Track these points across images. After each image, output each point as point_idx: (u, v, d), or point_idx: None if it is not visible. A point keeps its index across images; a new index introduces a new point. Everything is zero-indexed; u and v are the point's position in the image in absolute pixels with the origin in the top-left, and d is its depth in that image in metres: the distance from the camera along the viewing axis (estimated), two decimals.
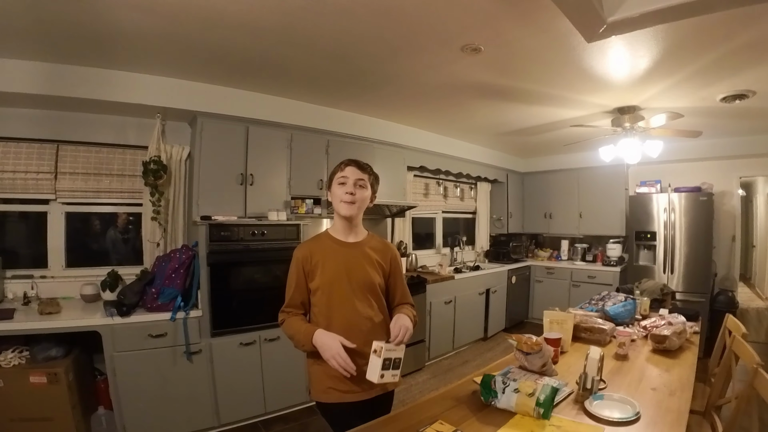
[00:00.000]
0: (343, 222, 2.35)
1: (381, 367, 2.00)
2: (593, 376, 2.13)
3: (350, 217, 2.32)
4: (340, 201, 2.28)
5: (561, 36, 3.22)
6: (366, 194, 2.33)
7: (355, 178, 2.27)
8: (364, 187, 2.31)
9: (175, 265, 4.01)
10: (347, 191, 2.25)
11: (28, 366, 3.51)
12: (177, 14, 2.97)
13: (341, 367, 2.02)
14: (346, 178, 2.27)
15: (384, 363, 2.00)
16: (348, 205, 2.27)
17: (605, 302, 3.80)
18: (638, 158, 5.33)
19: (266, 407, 4.35)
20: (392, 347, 2.04)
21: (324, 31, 3.25)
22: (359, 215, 2.36)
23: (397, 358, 2.07)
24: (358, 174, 2.28)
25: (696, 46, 3.38)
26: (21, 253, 4.37)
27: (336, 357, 2.03)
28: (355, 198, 2.26)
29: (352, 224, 2.37)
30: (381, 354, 2.00)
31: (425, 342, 5.95)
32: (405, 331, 2.14)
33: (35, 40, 3.35)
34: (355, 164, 2.31)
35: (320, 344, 2.09)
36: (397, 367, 2.07)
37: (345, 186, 2.27)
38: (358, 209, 2.30)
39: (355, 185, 2.27)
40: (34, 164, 4.15)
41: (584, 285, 7.68)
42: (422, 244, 7.63)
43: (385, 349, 2.01)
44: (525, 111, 5.41)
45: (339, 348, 2.04)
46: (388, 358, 2.02)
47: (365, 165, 2.35)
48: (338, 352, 2.03)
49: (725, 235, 6.94)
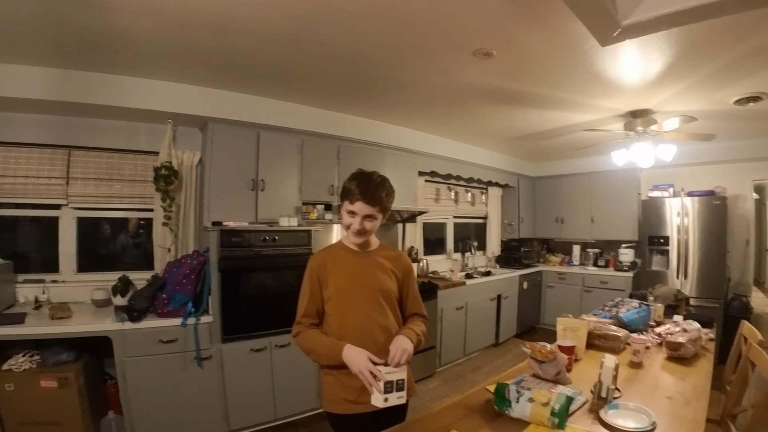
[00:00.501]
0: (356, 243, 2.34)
1: (384, 391, 1.96)
2: (608, 385, 2.10)
3: (360, 244, 2.33)
4: (349, 230, 2.27)
5: (573, 40, 3.20)
6: (376, 223, 2.28)
7: (364, 214, 2.21)
8: (373, 218, 2.25)
9: (186, 270, 4.01)
10: (355, 227, 2.22)
11: (39, 370, 3.52)
12: (187, 21, 2.98)
13: (368, 382, 1.98)
14: (355, 213, 2.21)
15: (386, 386, 1.96)
16: (357, 235, 2.26)
17: (619, 309, 3.77)
18: (651, 162, 5.28)
19: (276, 413, 4.33)
20: (391, 370, 2.00)
21: (335, 36, 3.25)
22: (371, 236, 2.36)
23: (400, 380, 2.01)
24: (368, 209, 2.20)
25: (709, 49, 3.35)
26: (32, 257, 4.39)
27: (365, 371, 1.98)
28: (363, 231, 2.24)
29: (363, 243, 2.35)
30: (381, 378, 1.97)
31: (436, 348, 5.91)
32: (402, 353, 2.06)
33: (47, 47, 3.37)
34: (364, 198, 2.18)
35: (349, 360, 2.05)
36: (401, 388, 2.02)
37: (353, 219, 2.22)
38: (367, 236, 2.31)
39: (364, 219, 2.22)
40: (46, 169, 4.18)
41: (596, 290, 7.61)
42: (433, 249, 7.60)
43: (384, 373, 1.97)
44: (536, 115, 5.38)
45: (368, 363, 2.00)
46: (389, 381, 1.98)
47: (376, 194, 2.22)
48: (366, 366, 1.99)
49: (739, 239, 6.85)
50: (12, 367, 3.47)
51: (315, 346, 2.18)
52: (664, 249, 6.90)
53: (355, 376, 2.04)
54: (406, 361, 2.06)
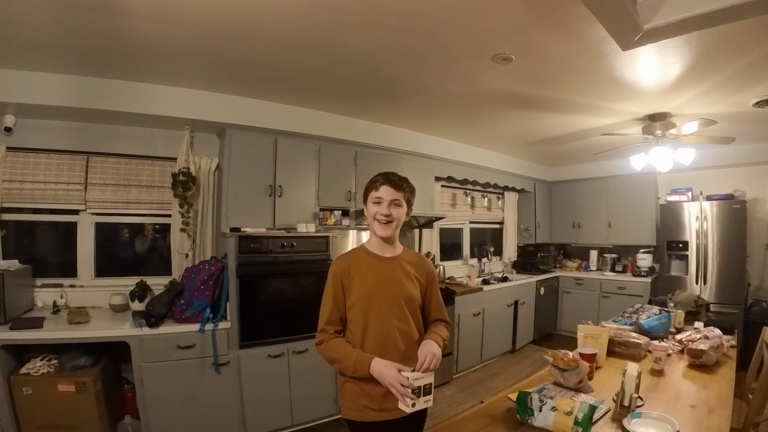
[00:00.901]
0: (379, 239, 2.30)
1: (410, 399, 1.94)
2: (631, 393, 2.08)
3: (387, 237, 2.28)
4: (375, 221, 2.24)
5: (593, 44, 3.19)
6: (402, 212, 2.26)
7: (390, 199, 2.20)
8: (399, 205, 2.24)
9: (204, 276, 4.02)
10: (382, 213, 2.20)
11: (57, 374, 3.55)
12: (205, 28, 3.00)
13: (400, 394, 1.95)
14: (381, 198, 2.21)
15: (413, 392, 1.94)
16: (383, 226, 2.23)
17: (639, 315, 3.73)
18: (670, 166, 5.22)
19: (293, 419, 4.32)
20: (419, 375, 1.97)
21: (353, 42, 3.25)
22: (397, 231, 2.31)
23: (428, 384, 2.00)
24: (393, 194, 2.21)
25: (728, 52, 3.32)
26: (51, 262, 4.43)
27: (396, 385, 1.94)
28: (390, 218, 2.21)
29: (389, 241, 2.32)
30: (410, 386, 1.94)
31: (453, 355, 5.88)
32: (432, 357, 2.04)
33: (66, 54, 3.41)
34: (390, 183, 2.22)
35: (379, 374, 2.01)
36: (429, 392, 2.00)
37: (380, 206, 2.21)
38: (394, 229, 2.26)
39: (390, 205, 2.21)
40: (65, 175, 4.23)
41: (614, 296, 7.54)
42: (450, 254, 7.58)
43: (412, 379, 1.94)
44: (554, 120, 5.36)
45: (398, 375, 1.96)
46: (418, 387, 1.96)
47: (400, 182, 2.26)
48: (398, 378, 1.95)
49: (759, 243, 6.74)
50: (30, 371, 3.49)
51: (341, 357, 2.12)
52: (683, 254, 6.82)
53: (376, 384, 2.02)
54: (435, 366, 2.04)
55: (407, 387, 1.92)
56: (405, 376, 1.94)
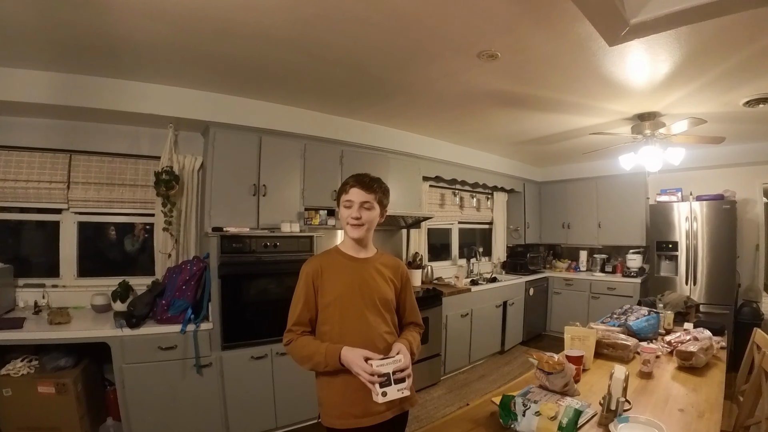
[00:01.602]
0: (352, 240, 2.28)
1: (379, 385, 1.90)
2: (618, 397, 2.04)
3: (359, 239, 2.25)
4: (347, 224, 2.22)
5: (580, 41, 3.15)
6: (373, 214, 2.24)
7: (360, 201, 2.18)
8: (370, 208, 2.22)
9: (186, 276, 3.97)
10: (353, 216, 2.18)
11: (37, 375, 3.52)
12: (189, 23, 2.95)
13: (368, 380, 1.91)
14: (351, 201, 2.19)
15: (384, 382, 1.90)
16: (355, 228, 2.21)
17: (627, 316, 3.70)
18: (659, 166, 5.21)
19: (277, 422, 4.28)
20: (384, 362, 1.93)
21: (338, 39, 3.21)
22: (369, 233, 2.29)
23: (398, 372, 1.95)
24: (364, 196, 2.18)
25: (719, 50, 3.29)
26: (33, 261, 4.40)
27: (362, 372, 1.91)
28: (361, 221, 2.19)
29: (362, 243, 2.30)
30: (375, 372, 1.90)
31: (441, 356, 5.85)
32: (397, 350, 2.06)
33: (49, 51, 3.36)
34: (360, 185, 2.20)
35: (349, 361, 1.98)
36: (401, 381, 1.95)
37: (350, 209, 2.19)
38: (366, 231, 2.23)
39: (361, 208, 2.19)
40: (47, 174, 4.18)
41: (604, 297, 7.54)
42: (438, 255, 7.56)
43: (376, 366, 1.91)
44: (542, 119, 5.34)
45: (363, 362, 1.93)
46: (385, 374, 1.91)
47: (371, 183, 2.23)
48: (362, 365, 1.92)
49: (749, 244, 6.76)
50: (10, 372, 3.45)
51: (311, 353, 2.09)
52: (673, 254, 6.82)
53: (360, 389, 1.97)
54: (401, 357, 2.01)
55: (373, 374, 1.89)
56: (369, 364, 1.91)
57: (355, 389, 2.00)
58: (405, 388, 1.96)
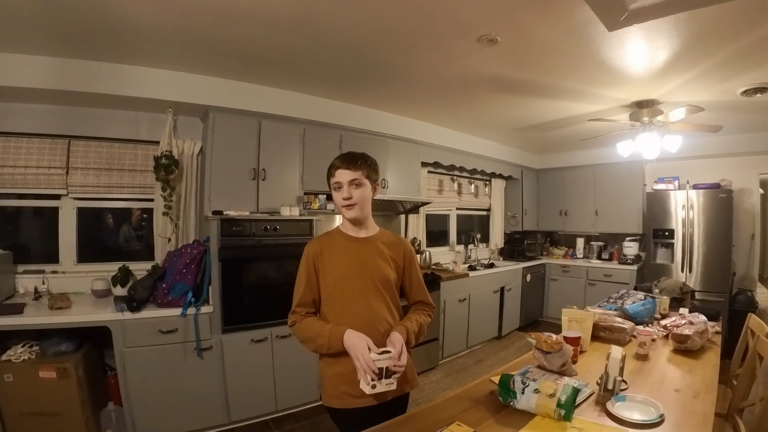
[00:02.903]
0: (351, 221, 2.29)
1: (370, 378, 1.93)
2: (615, 377, 2.07)
3: (356, 219, 2.26)
4: (341, 207, 2.22)
5: (580, 26, 3.15)
6: (365, 192, 2.23)
7: (348, 180, 2.17)
8: (360, 185, 2.21)
9: (186, 260, 3.98)
10: (344, 197, 2.18)
11: (38, 361, 3.52)
12: (188, 5, 2.94)
13: (362, 369, 1.94)
14: (340, 183, 2.18)
15: (376, 374, 1.93)
16: (349, 209, 2.21)
17: (624, 301, 3.74)
18: (657, 153, 5.23)
19: (277, 405, 4.32)
20: (379, 357, 1.95)
21: (339, 22, 3.21)
22: (365, 212, 2.28)
23: (391, 368, 1.97)
24: (350, 175, 2.17)
25: (717, 37, 3.29)
26: (32, 248, 4.40)
27: (361, 358, 1.94)
28: (353, 200, 2.19)
29: (361, 222, 2.31)
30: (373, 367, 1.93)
31: (439, 340, 5.91)
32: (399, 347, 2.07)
33: (47, 35, 3.35)
34: (345, 164, 2.19)
35: (350, 344, 2.01)
36: (390, 375, 1.98)
37: (341, 191, 2.19)
38: (360, 209, 2.23)
39: (350, 186, 2.18)
40: (46, 159, 4.17)
41: (600, 283, 7.60)
42: (436, 241, 7.59)
43: (373, 358, 1.94)
44: (541, 105, 5.35)
45: (365, 349, 1.96)
46: (379, 368, 1.94)
47: (355, 160, 2.22)
48: (363, 352, 1.95)
49: (744, 233, 6.81)
50: (11, 358, 3.46)
51: (315, 334, 2.11)
52: (669, 242, 6.86)
53: (357, 372, 2.00)
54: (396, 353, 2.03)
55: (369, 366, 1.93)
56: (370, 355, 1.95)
57: (354, 371, 2.02)
58: (393, 382, 1.99)
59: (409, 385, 2.29)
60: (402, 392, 2.24)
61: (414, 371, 2.35)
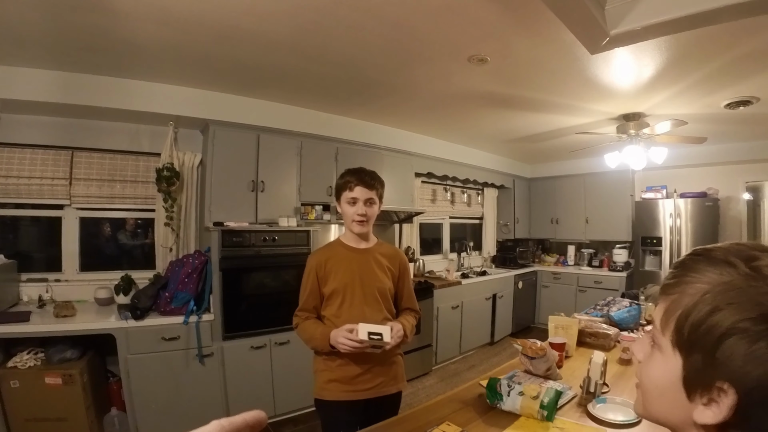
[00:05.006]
0: (359, 234, 2.43)
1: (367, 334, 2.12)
2: (596, 380, 2.18)
3: (363, 233, 2.42)
4: (352, 221, 2.36)
5: (566, 46, 3.27)
6: (376, 208, 2.41)
7: (365, 198, 2.34)
8: (373, 204, 2.38)
9: (188, 269, 4.08)
10: (359, 213, 2.33)
11: (44, 367, 3.56)
12: (191, 27, 3.06)
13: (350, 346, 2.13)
14: (356, 199, 2.33)
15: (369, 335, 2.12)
16: (361, 225, 2.37)
17: (610, 308, 3.84)
18: (643, 164, 5.36)
19: (276, 410, 4.41)
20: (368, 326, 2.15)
21: (335, 43, 3.33)
22: (371, 226, 2.45)
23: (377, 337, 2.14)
24: (367, 193, 2.34)
25: (700, 55, 3.43)
26: (36, 257, 4.45)
27: (342, 339, 2.14)
28: (366, 217, 2.35)
29: (364, 235, 2.46)
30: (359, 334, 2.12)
31: (432, 346, 5.99)
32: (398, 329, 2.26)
33: (52, 50, 3.43)
34: (363, 183, 2.34)
35: (334, 341, 2.20)
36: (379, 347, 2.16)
37: (355, 206, 2.34)
38: (369, 225, 2.41)
39: (365, 204, 2.34)
40: (50, 170, 4.24)
41: (591, 290, 7.69)
42: (429, 249, 7.66)
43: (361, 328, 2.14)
44: (531, 119, 5.46)
45: (344, 332, 2.16)
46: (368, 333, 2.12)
47: (372, 180, 2.38)
48: (343, 335, 2.15)
49: (731, 240, 6.87)
50: (17, 365, 3.50)
51: (312, 335, 2.32)
52: (657, 249, 6.99)
53: (347, 365, 2.23)
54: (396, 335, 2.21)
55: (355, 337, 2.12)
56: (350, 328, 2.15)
57: (341, 364, 2.24)
58: (380, 346, 2.15)
59: (396, 387, 2.46)
60: (388, 393, 2.42)
61: (403, 372, 2.54)
